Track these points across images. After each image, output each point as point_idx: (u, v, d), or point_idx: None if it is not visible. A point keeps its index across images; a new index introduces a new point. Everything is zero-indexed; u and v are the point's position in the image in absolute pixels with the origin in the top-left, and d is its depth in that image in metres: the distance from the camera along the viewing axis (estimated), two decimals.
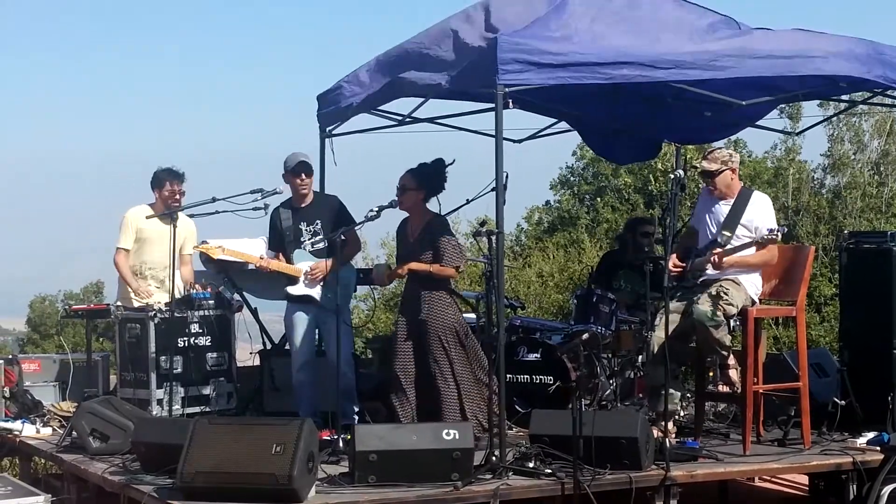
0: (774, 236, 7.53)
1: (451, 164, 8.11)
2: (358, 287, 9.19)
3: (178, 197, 9.00)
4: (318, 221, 8.44)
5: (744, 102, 8.52)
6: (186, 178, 9.06)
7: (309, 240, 8.46)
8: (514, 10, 7.84)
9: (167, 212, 8.58)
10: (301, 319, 8.49)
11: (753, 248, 7.67)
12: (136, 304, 8.85)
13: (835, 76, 8.02)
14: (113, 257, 9.07)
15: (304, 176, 8.42)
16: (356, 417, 8.29)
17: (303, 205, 8.52)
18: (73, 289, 43.61)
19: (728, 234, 7.73)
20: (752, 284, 7.83)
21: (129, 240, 9.02)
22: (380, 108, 9.21)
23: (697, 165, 8.11)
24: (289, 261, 8.46)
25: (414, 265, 8.01)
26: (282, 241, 8.53)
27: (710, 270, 7.77)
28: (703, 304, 7.60)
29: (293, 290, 8.45)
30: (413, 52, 8.24)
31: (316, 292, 8.40)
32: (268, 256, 8.57)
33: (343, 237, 8.02)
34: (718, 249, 7.66)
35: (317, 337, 8.71)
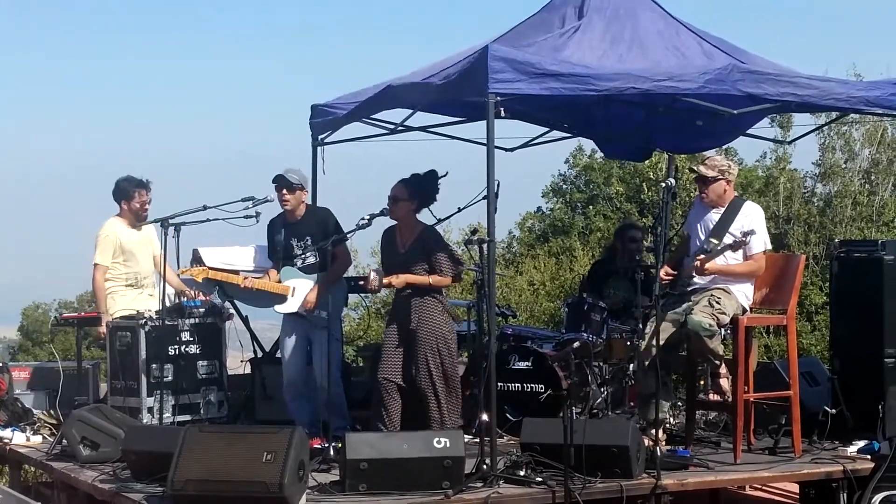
0: (745, 238, 7.56)
1: (445, 175, 8.10)
2: (349, 296, 9.17)
3: (147, 207, 9.07)
4: (309, 238, 8.39)
5: (735, 112, 8.55)
6: (152, 187, 9.13)
7: (300, 255, 8.43)
8: None
9: (158, 219, 8.53)
10: (292, 335, 8.47)
11: (740, 256, 7.70)
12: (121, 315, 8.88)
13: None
14: (92, 274, 9.08)
15: (284, 191, 8.36)
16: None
17: (293, 220, 8.47)
18: (68, 297, 43.47)
19: (715, 241, 7.74)
20: (743, 293, 7.84)
21: (108, 256, 9.02)
22: (372, 116, 9.22)
23: (694, 168, 8.12)
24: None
25: (412, 277, 7.99)
26: (275, 255, 8.53)
27: (696, 278, 7.79)
28: (698, 314, 7.61)
29: (280, 308, 8.44)
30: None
31: (304, 309, 8.37)
32: (270, 266, 8.57)
33: (331, 248, 7.96)
34: (702, 256, 7.69)
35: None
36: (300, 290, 8.37)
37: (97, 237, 9.06)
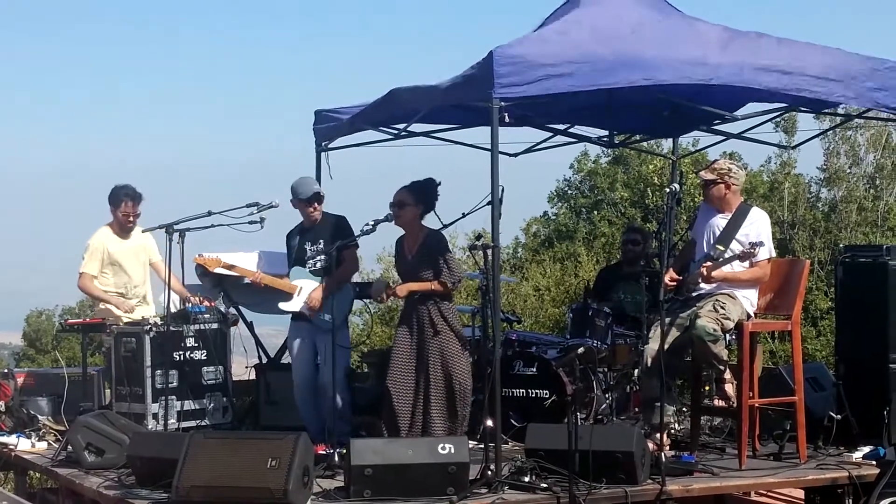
0: (753, 250, 7.55)
1: (439, 184, 8.11)
2: (354, 302, 9.17)
3: (132, 219, 9.07)
4: (321, 241, 8.37)
5: (739, 116, 8.54)
6: (143, 200, 9.16)
7: (311, 259, 8.41)
8: None
9: (164, 225, 8.51)
10: (299, 337, 8.46)
11: (747, 264, 7.69)
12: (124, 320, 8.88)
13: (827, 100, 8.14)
14: (77, 282, 9.11)
15: (316, 205, 8.40)
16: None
17: (310, 226, 8.48)
18: (70, 303, 43.50)
19: (721, 248, 7.72)
20: (748, 299, 7.82)
21: (95, 266, 9.05)
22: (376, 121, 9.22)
23: (697, 173, 8.12)
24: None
25: (413, 285, 7.98)
26: (290, 260, 8.54)
27: (702, 284, 7.77)
28: (703, 319, 7.60)
29: (285, 306, 8.42)
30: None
31: (307, 308, 8.35)
32: (274, 271, 8.57)
33: (336, 253, 7.96)
34: (708, 263, 7.68)
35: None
36: (306, 289, 8.36)
37: (86, 246, 9.12)
